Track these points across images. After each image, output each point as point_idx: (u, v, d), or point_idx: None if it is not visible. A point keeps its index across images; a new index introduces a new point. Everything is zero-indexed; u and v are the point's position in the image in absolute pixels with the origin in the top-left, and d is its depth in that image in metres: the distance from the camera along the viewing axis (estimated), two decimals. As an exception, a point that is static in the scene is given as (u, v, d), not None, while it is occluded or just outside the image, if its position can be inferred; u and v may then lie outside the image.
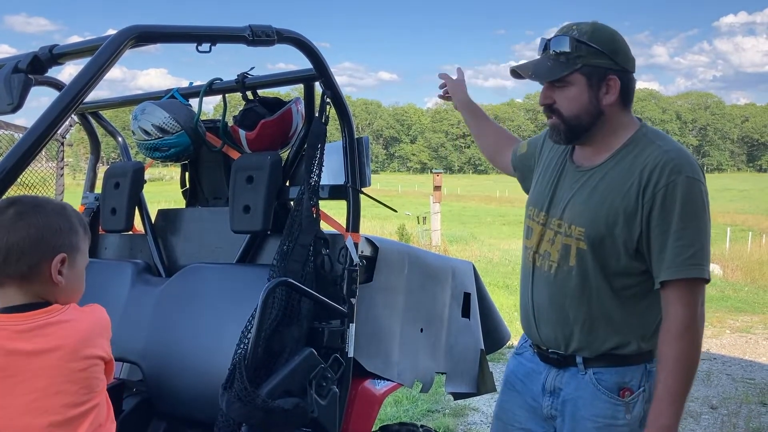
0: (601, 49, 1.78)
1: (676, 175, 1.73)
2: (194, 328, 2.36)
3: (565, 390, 1.96)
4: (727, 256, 16.99)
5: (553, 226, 1.93)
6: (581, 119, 1.83)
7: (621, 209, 1.78)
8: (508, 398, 2.14)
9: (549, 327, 1.96)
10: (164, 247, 2.80)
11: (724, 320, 9.68)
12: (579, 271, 1.86)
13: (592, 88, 1.80)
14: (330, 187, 2.41)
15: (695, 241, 1.73)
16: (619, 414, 1.89)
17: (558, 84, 1.83)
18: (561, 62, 1.80)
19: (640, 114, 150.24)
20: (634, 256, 1.81)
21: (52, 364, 1.44)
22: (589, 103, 1.82)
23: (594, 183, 1.86)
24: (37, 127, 1.61)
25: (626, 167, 1.81)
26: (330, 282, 2.29)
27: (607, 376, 1.89)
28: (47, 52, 1.89)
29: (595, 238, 1.82)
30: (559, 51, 1.80)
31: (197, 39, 1.88)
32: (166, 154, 2.58)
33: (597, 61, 1.78)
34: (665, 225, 1.74)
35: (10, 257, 1.43)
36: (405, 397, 5.23)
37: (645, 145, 1.82)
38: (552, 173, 2.00)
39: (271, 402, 1.93)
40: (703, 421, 5.19)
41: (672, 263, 1.74)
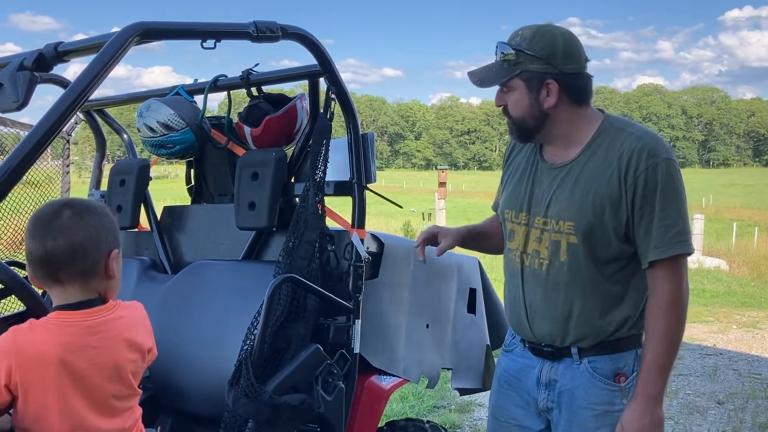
0: (537, 56, 1.86)
1: (653, 158, 1.81)
2: (200, 325, 2.37)
3: (561, 381, 1.98)
4: (733, 252, 16.92)
5: (539, 224, 1.96)
6: (526, 121, 1.93)
7: (606, 197, 1.84)
8: (503, 396, 2.14)
9: (544, 323, 1.98)
10: (170, 243, 2.81)
11: (731, 315, 9.65)
12: (571, 265, 1.91)
13: (532, 92, 1.89)
14: (335, 184, 2.40)
15: (678, 219, 1.83)
16: (616, 400, 1.93)
17: (504, 88, 1.93)
18: (504, 68, 1.90)
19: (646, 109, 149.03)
20: (623, 240, 1.87)
21: (116, 357, 1.56)
22: (530, 106, 1.90)
23: (574, 177, 1.91)
24: (42, 125, 1.61)
25: (602, 157, 1.88)
26: (336, 278, 2.29)
27: (602, 363, 1.93)
28: (52, 49, 1.90)
29: (586, 230, 1.87)
30: (504, 57, 1.90)
31: (202, 35, 1.89)
32: (171, 151, 2.58)
33: (534, 67, 1.87)
34: (649, 207, 1.82)
35: (76, 256, 1.50)
36: (411, 393, 5.23)
37: (615, 134, 1.89)
38: (523, 174, 2.05)
39: (278, 398, 1.93)
40: (710, 416, 5.18)
41: (659, 243, 1.82)
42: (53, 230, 1.49)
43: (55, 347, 1.49)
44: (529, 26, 1.92)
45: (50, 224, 1.50)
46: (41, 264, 1.51)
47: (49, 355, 1.48)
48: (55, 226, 1.50)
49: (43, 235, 1.50)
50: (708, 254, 16.21)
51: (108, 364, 1.56)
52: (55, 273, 1.51)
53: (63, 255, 1.49)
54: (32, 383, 1.47)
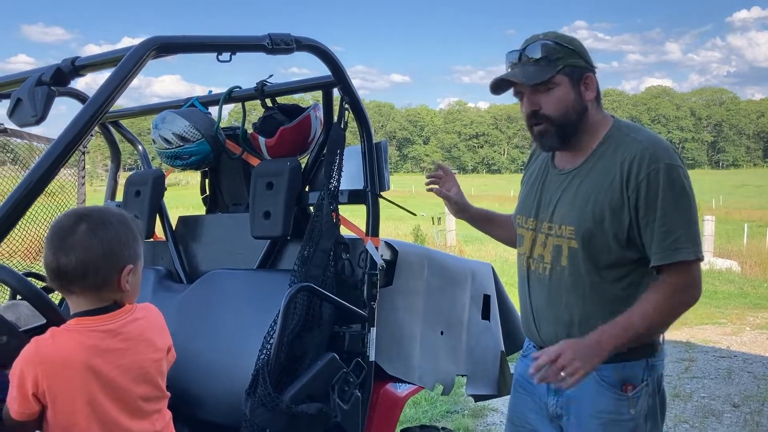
0: (575, 50, 1.88)
1: (655, 163, 1.80)
2: (216, 334, 2.39)
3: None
4: (745, 253, 16.79)
5: (544, 229, 1.99)
6: (570, 117, 1.90)
7: (606, 203, 1.85)
8: (518, 401, 2.17)
9: (549, 327, 2.00)
10: (185, 253, 2.83)
11: (744, 317, 9.58)
12: (571, 270, 1.92)
13: (575, 87, 1.89)
14: (349, 192, 2.42)
15: (677, 226, 1.80)
16: (623, 409, 1.92)
17: (543, 88, 1.89)
18: (543, 66, 1.87)
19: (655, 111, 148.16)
20: (626, 245, 1.87)
21: (140, 358, 1.61)
22: (575, 101, 1.89)
23: (578, 183, 1.93)
24: (62, 139, 1.64)
25: (606, 163, 1.88)
26: (350, 286, 2.30)
27: (609, 371, 1.91)
28: (69, 64, 1.92)
29: (585, 235, 1.88)
30: (538, 57, 1.87)
31: (217, 49, 1.91)
32: (187, 162, 2.61)
33: (574, 61, 1.88)
34: (651, 213, 1.81)
35: (88, 273, 1.54)
36: (424, 399, 5.23)
37: (620, 139, 1.89)
38: (536, 181, 2.07)
39: (295, 407, 1.94)
40: (726, 419, 5.15)
41: (658, 249, 1.82)
42: (66, 246, 1.52)
43: (80, 352, 1.52)
44: (547, 33, 1.93)
45: (65, 240, 1.53)
46: (55, 276, 1.55)
47: (75, 360, 1.51)
48: (69, 242, 1.53)
49: (57, 250, 1.53)
50: (719, 255, 16.10)
51: (133, 365, 1.60)
52: (67, 286, 1.56)
53: (74, 271, 1.53)
54: (60, 390, 1.50)
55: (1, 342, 1.67)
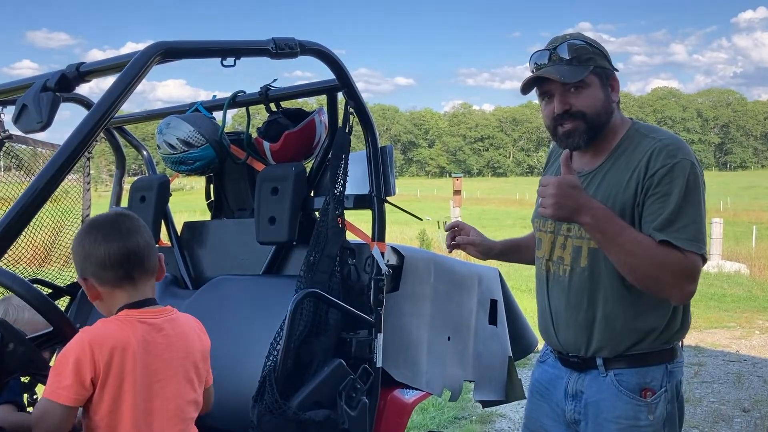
0: (602, 51, 1.93)
1: (671, 158, 1.82)
2: (222, 340, 2.37)
3: (587, 393, 1.99)
4: (753, 255, 16.71)
5: (563, 231, 2.00)
6: (601, 117, 1.92)
7: (625, 202, 1.86)
8: (535, 407, 2.17)
9: (568, 331, 2.00)
10: (190, 259, 2.82)
11: (753, 320, 9.51)
12: (591, 271, 1.93)
13: (604, 87, 1.92)
14: (355, 197, 2.40)
15: (685, 214, 1.78)
16: (642, 415, 1.91)
17: (575, 88, 1.90)
18: (575, 66, 1.89)
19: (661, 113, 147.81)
20: None
21: (177, 356, 1.71)
22: (605, 101, 1.92)
23: (597, 183, 1.94)
24: (68, 146, 1.63)
25: (624, 163, 1.90)
26: (357, 292, 2.29)
27: (628, 377, 1.92)
28: (74, 70, 1.92)
29: None
30: (569, 57, 1.89)
31: (222, 54, 1.90)
32: (191, 167, 2.60)
33: (602, 62, 1.92)
34: (660, 201, 1.79)
35: (152, 254, 1.72)
36: (431, 405, 5.21)
37: (639, 140, 1.91)
38: None
39: (302, 414, 1.93)
40: (736, 424, 5.11)
41: (663, 227, 1.78)
42: (130, 231, 1.68)
43: (131, 339, 1.61)
44: (570, 33, 1.97)
45: (122, 226, 1.68)
46: (120, 263, 1.64)
47: (126, 346, 1.59)
48: (129, 226, 1.68)
49: (122, 236, 1.66)
50: (728, 258, 16.01)
51: (172, 361, 1.69)
52: (131, 271, 1.66)
53: (142, 252, 1.68)
54: (110, 374, 1.57)
55: (8, 349, 1.67)
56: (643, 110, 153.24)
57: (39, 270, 3.30)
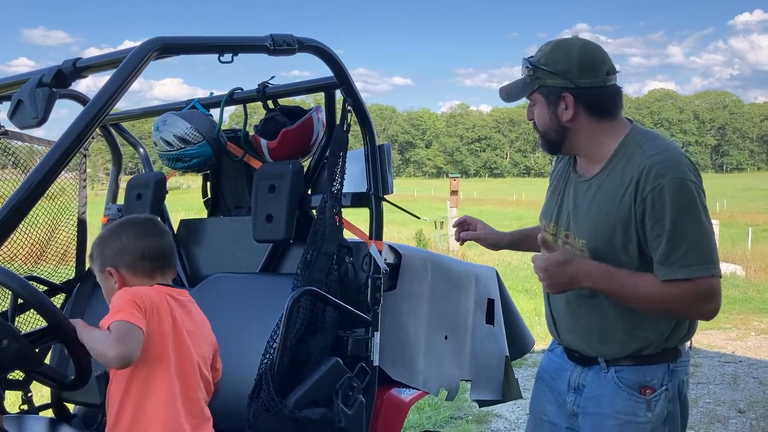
0: (553, 71, 1.88)
1: (660, 178, 1.77)
2: (218, 338, 2.35)
3: (588, 387, 2.01)
4: (749, 257, 16.74)
5: (563, 236, 2.01)
6: (548, 134, 1.96)
7: (618, 218, 1.84)
8: (539, 393, 2.22)
9: (570, 334, 2.04)
10: (187, 257, 2.81)
11: (749, 322, 9.53)
12: None
13: (551, 106, 1.92)
14: (352, 195, 2.40)
15: (684, 239, 1.77)
16: (641, 411, 1.92)
17: (530, 102, 1.98)
18: (526, 83, 1.95)
19: (658, 115, 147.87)
20: (637, 259, 1.85)
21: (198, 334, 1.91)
22: (550, 120, 1.93)
23: (592, 193, 1.93)
24: (63, 141, 1.62)
25: (618, 176, 1.87)
26: (354, 290, 2.28)
27: (629, 374, 1.93)
28: (71, 65, 1.91)
29: (596, 250, 1.89)
30: (527, 73, 1.94)
31: (219, 50, 1.89)
32: (188, 164, 2.59)
33: (551, 82, 1.89)
34: (657, 227, 1.79)
35: (175, 254, 1.96)
36: (427, 404, 5.20)
37: (633, 150, 1.87)
38: (558, 184, 2.10)
39: (299, 412, 1.92)
40: (731, 425, 5.11)
41: (663, 263, 1.79)
42: (164, 232, 1.94)
43: (164, 302, 1.81)
44: (553, 40, 1.96)
45: (158, 226, 1.94)
46: (157, 257, 1.88)
47: (160, 305, 1.78)
48: (162, 228, 1.95)
49: (158, 234, 1.91)
50: (723, 260, 16.01)
51: (197, 338, 1.88)
52: (164, 265, 1.90)
53: (173, 250, 1.94)
54: (151, 324, 1.74)
55: (2, 346, 1.65)
56: (640, 112, 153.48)
57: (34, 267, 3.28)
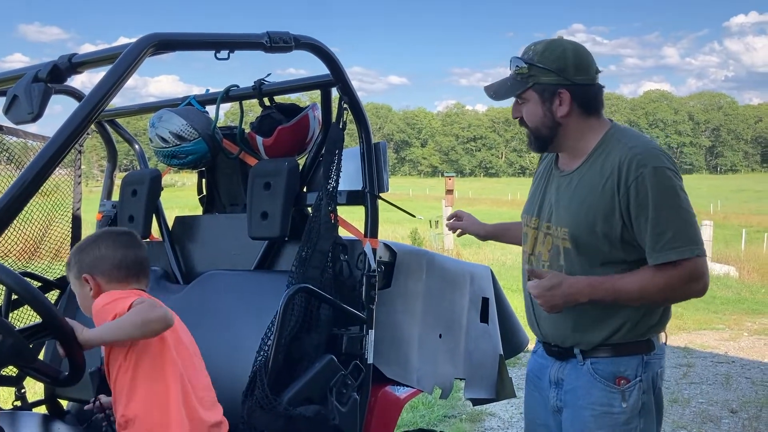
0: (549, 68, 1.97)
1: (642, 168, 1.88)
2: (213, 335, 2.36)
3: (567, 381, 2.10)
4: (742, 258, 16.81)
5: (544, 228, 2.10)
6: (540, 130, 2.04)
7: (599, 207, 1.94)
8: (530, 397, 2.29)
9: (547, 323, 2.11)
10: (182, 254, 2.80)
11: (742, 323, 9.58)
12: (567, 269, 2.02)
13: (545, 103, 2.00)
14: (348, 193, 2.40)
15: (670, 225, 1.88)
16: (615, 402, 1.99)
17: (519, 100, 2.05)
18: (518, 81, 2.02)
19: (653, 115, 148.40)
20: (619, 246, 1.95)
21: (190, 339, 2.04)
22: (544, 116, 2.01)
23: (573, 185, 2.03)
24: (58, 137, 1.61)
25: (598, 168, 1.97)
26: (349, 288, 2.28)
27: (604, 365, 2.01)
28: (66, 61, 1.90)
29: (578, 237, 1.98)
30: (518, 71, 2.01)
31: (216, 46, 1.89)
32: (183, 161, 2.58)
33: (546, 79, 1.98)
34: (643, 215, 1.89)
35: (149, 266, 2.08)
36: (421, 403, 5.21)
37: (613, 145, 1.98)
38: (541, 181, 2.20)
39: (293, 409, 1.92)
40: (724, 425, 5.14)
41: (653, 249, 1.89)
42: (141, 245, 2.07)
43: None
44: (541, 41, 2.04)
45: (136, 239, 2.06)
46: (133, 266, 1.99)
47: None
48: (140, 241, 2.08)
49: (136, 246, 2.03)
50: (717, 261, 16.11)
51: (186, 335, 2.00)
52: (139, 274, 2.02)
53: (148, 262, 2.07)
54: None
55: None
56: (635, 112, 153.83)
57: (28, 264, 3.27)
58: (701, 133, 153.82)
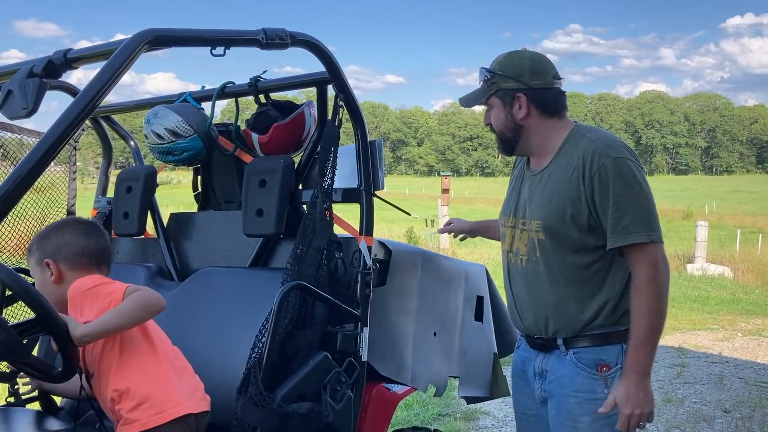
0: (508, 75, 2.14)
1: (604, 158, 2.02)
2: (207, 332, 2.36)
3: (551, 371, 2.17)
4: (737, 258, 16.85)
5: (520, 225, 2.22)
6: (505, 133, 2.20)
7: (567, 197, 2.06)
8: (517, 390, 2.37)
9: (529, 313, 2.20)
10: (177, 250, 2.80)
11: (736, 323, 9.61)
12: (544, 259, 2.13)
13: (506, 107, 2.16)
14: (343, 191, 2.39)
15: (628, 211, 2.00)
16: (598, 388, 2.08)
17: (486, 107, 2.22)
18: (483, 90, 2.20)
19: (649, 116, 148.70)
20: (587, 233, 2.07)
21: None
22: (506, 119, 2.17)
23: (544, 182, 2.15)
24: (52, 132, 1.61)
25: (565, 162, 2.10)
26: (343, 285, 2.28)
27: (586, 354, 2.10)
28: (61, 56, 1.89)
29: (551, 227, 2.09)
30: (483, 80, 2.20)
31: (211, 43, 1.88)
32: (179, 157, 2.57)
33: (506, 85, 2.15)
34: (605, 202, 2.01)
35: (112, 256, 2.10)
36: (416, 401, 5.21)
37: (578, 140, 2.11)
38: (516, 183, 2.32)
39: (287, 406, 1.92)
40: (717, 425, 5.15)
41: (611, 234, 2.02)
42: (105, 234, 2.10)
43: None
44: (504, 53, 2.22)
45: (100, 229, 2.09)
46: (96, 254, 2.02)
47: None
48: (104, 231, 2.11)
49: (100, 235, 2.06)
50: (712, 261, 16.16)
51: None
52: (101, 262, 2.04)
53: (111, 251, 2.10)
54: None
55: None
56: (631, 113, 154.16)
57: (22, 259, 3.27)
58: (697, 134, 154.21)
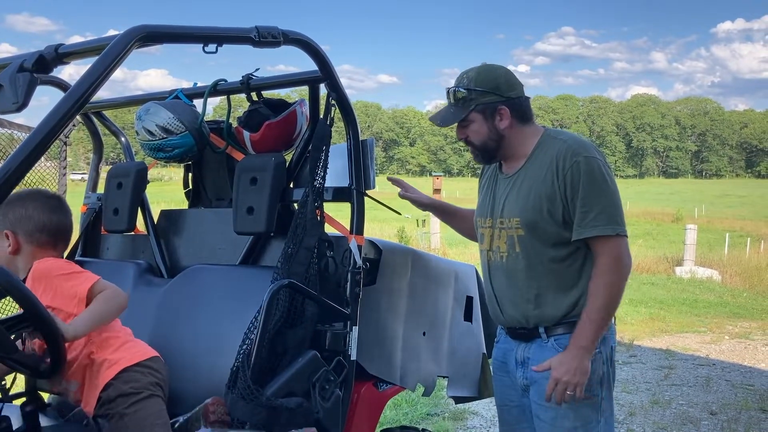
0: (486, 90, 2.23)
1: (576, 156, 2.16)
2: (197, 329, 2.36)
3: (533, 359, 2.27)
4: (725, 262, 16.96)
5: (498, 224, 2.32)
6: (487, 145, 2.30)
7: (543, 193, 2.19)
8: (499, 382, 2.46)
9: (510, 306, 2.30)
10: (167, 247, 2.79)
11: (723, 326, 9.67)
12: (524, 254, 2.24)
13: (488, 120, 2.26)
14: (334, 190, 2.40)
15: (594, 206, 2.14)
16: None
17: (464, 123, 2.29)
18: (460, 107, 2.27)
19: (640, 119, 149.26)
20: (563, 227, 2.19)
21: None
22: (489, 132, 2.27)
23: (520, 182, 2.28)
24: (43, 127, 1.60)
25: (539, 163, 2.24)
26: (334, 284, 2.28)
27: (566, 340, 2.20)
28: (53, 51, 1.88)
29: (529, 222, 2.21)
30: (458, 98, 2.26)
31: (204, 40, 1.88)
32: (170, 154, 2.57)
33: (486, 99, 2.24)
34: (576, 197, 2.15)
35: (70, 234, 2.11)
36: (404, 400, 5.22)
37: (550, 143, 2.25)
38: (489, 187, 2.43)
39: (275, 400, 1.92)
40: (703, 427, 5.19)
41: (577, 226, 2.16)
42: (68, 211, 2.08)
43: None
44: (472, 68, 2.30)
45: (65, 205, 2.07)
46: (54, 233, 2.04)
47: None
48: (68, 208, 2.09)
49: (63, 212, 2.05)
50: (700, 264, 16.24)
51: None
52: (59, 241, 2.06)
53: (71, 230, 2.09)
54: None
55: None
56: (623, 116, 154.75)
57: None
58: (687, 138, 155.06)
